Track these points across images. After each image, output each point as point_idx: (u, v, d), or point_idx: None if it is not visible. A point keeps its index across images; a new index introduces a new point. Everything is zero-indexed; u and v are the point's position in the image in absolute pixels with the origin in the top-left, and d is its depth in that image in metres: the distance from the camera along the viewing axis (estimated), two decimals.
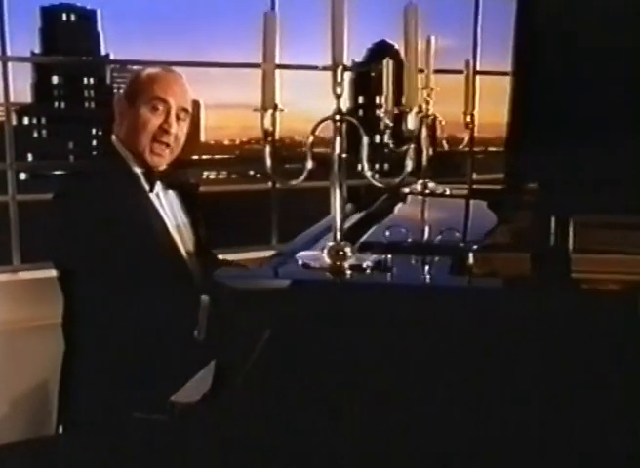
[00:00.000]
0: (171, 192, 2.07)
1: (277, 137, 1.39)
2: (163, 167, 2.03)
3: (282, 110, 1.38)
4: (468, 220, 2.22)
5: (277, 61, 1.40)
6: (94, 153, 31.56)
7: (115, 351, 1.83)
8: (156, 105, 1.96)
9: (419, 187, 2.53)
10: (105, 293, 1.81)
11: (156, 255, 1.88)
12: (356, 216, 2.05)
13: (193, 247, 2.09)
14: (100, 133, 32.96)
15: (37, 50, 29.96)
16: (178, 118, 1.99)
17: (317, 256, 1.38)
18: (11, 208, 2.94)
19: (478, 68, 3.79)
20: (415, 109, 1.30)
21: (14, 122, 3.28)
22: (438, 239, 1.68)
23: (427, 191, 2.52)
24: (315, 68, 1.34)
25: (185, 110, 2.01)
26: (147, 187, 2.00)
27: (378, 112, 1.74)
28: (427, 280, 1.43)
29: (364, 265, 1.35)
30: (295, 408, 1.28)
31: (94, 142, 32.31)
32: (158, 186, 2.03)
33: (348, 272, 1.33)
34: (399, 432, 1.25)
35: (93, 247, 1.80)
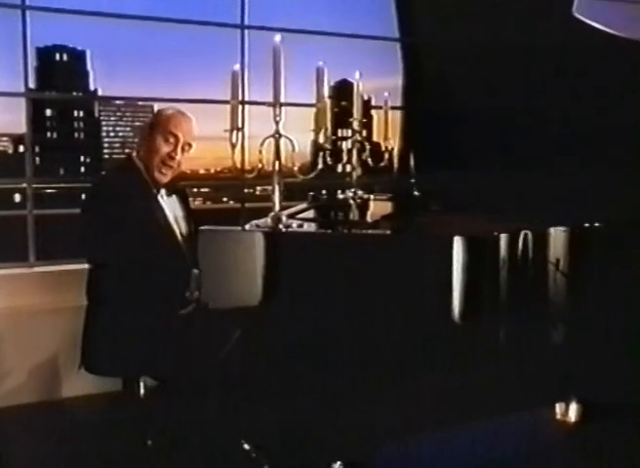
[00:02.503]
0: (171, 196, 2.52)
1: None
2: (166, 180, 2.48)
3: (242, 129, 2.03)
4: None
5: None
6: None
7: (126, 306, 2.25)
8: (168, 138, 2.40)
9: (350, 194, 3.22)
10: (123, 266, 2.24)
11: (161, 239, 2.37)
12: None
13: (186, 234, 2.52)
14: (88, 160, 33.19)
15: (32, 86, 30.02)
16: (183, 149, 2.44)
17: (264, 222, 2.05)
18: (29, 218, 3.50)
19: None
20: (322, 130, 1.95)
21: (10, 151, 3.78)
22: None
23: (356, 196, 3.21)
24: (264, 104, 1.94)
25: (189, 144, 2.46)
26: (155, 191, 2.45)
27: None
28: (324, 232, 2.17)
29: (293, 226, 2.04)
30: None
31: (82, 169, 32.43)
32: (162, 191, 2.48)
33: (283, 229, 2.00)
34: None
35: (118, 232, 2.22)
